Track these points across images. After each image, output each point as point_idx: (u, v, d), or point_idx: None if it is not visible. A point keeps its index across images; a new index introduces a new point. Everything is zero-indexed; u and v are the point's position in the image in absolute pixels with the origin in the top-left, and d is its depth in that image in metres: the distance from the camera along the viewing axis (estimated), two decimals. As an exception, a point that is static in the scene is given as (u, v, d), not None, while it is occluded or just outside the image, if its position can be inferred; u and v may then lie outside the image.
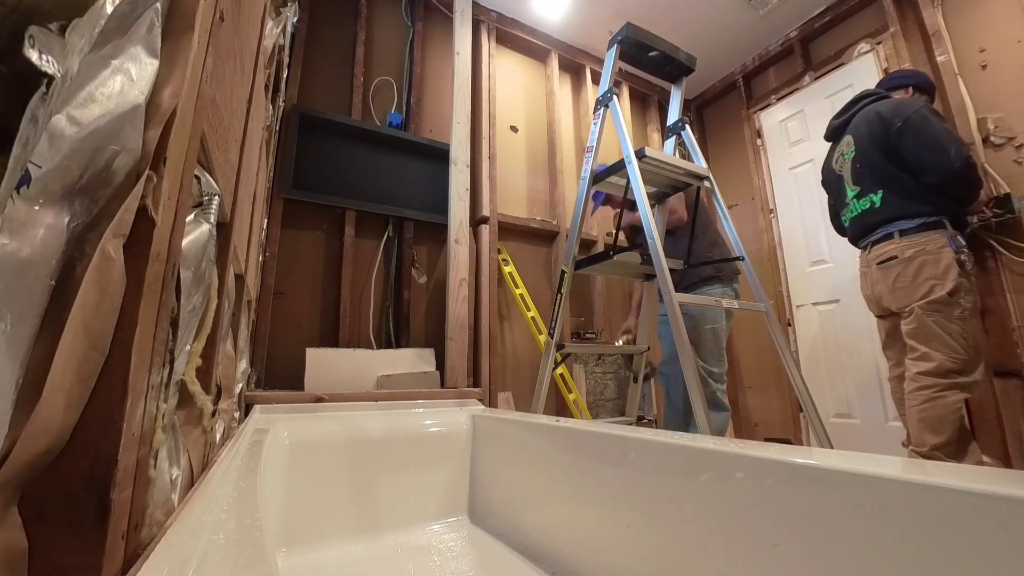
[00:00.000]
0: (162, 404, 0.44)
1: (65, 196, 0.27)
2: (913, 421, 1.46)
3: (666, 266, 1.36)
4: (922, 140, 1.50)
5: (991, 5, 2.01)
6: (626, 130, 1.59)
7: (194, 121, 0.41)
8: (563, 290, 1.62)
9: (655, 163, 1.55)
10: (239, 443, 0.84)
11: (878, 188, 1.59)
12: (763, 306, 1.58)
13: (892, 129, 1.55)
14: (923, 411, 1.43)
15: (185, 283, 0.49)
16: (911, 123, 1.52)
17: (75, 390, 0.28)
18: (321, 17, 2.10)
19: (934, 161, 1.47)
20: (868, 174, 1.63)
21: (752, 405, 2.82)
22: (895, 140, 1.54)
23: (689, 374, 1.23)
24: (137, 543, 0.37)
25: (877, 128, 1.59)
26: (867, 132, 1.63)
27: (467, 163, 2.09)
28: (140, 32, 0.32)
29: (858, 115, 1.71)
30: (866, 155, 1.63)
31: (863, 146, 1.64)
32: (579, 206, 1.71)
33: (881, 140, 1.58)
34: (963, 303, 1.42)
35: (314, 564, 1.03)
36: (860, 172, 1.65)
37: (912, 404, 1.46)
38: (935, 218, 1.49)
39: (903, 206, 1.52)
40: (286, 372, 1.70)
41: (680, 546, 0.72)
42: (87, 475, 0.30)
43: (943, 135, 1.50)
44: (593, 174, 1.69)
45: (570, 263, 1.66)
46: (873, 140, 1.60)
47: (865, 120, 1.65)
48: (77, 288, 0.27)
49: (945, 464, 0.54)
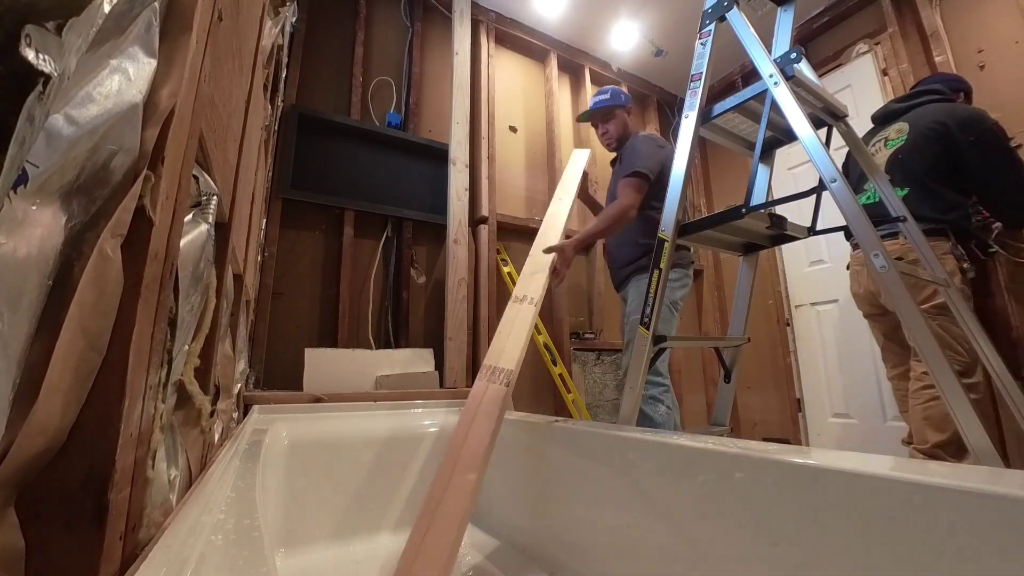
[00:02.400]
0: (160, 404, 0.44)
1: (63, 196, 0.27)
2: (917, 419, 1.46)
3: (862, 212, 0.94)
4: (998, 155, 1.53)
5: (989, 6, 2.02)
6: (761, 46, 1.16)
7: (192, 121, 0.41)
8: (662, 265, 1.18)
9: (804, 87, 1.14)
10: (238, 443, 0.84)
11: (906, 185, 1.55)
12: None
13: (964, 138, 1.52)
14: (928, 409, 1.43)
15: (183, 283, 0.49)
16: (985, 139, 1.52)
17: (73, 390, 0.28)
18: (320, 17, 2.10)
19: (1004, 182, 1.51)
20: (904, 168, 1.58)
21: (751, 405, 2.82)
22: (963, 149, 1.52)
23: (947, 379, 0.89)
24: (135, 544, 0.37)
25: (940, 131, 1.55)
26: (927, 129, 1.58)
27: (466, 163, 2.09)
28: (138, 31, 0.32)
29: (921, 108, 1.64)
30: (915, 150, 1.58)
31: (916, 141, 1.59)
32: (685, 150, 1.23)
33: (942, 142, 1.54)
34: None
35: (312, 565, 1.03)
36: (897, 163, 1.60)
37: (917, 402, 1.46)
38: (941, 226, 1.49)
39: (921, 209, 1.50)
40: (285, 372, 1.70)
41: (679, 545, 0.72)
42: (84, 475, 0.30)
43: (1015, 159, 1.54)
44: (702, 109, 1.25)
45: (672, 228, 1.19)
46: (932, 139, 1.56)
47: (932, 117, 1.59)
48: (75, 288, 0.27)
49: (944, 464, 0.54)
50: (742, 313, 1.41)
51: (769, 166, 1.35)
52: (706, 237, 1.31)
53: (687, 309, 3.01)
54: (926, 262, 1.18)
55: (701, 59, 1.30)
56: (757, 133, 1.20)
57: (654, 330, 1.15)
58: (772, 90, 1.08)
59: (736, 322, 1.42)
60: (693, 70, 1.29)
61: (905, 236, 1.50)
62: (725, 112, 1.25)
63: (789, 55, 1.23)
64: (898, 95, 2.24)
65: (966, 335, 1.40)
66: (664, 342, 1.19)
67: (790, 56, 1.22)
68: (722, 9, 1.27)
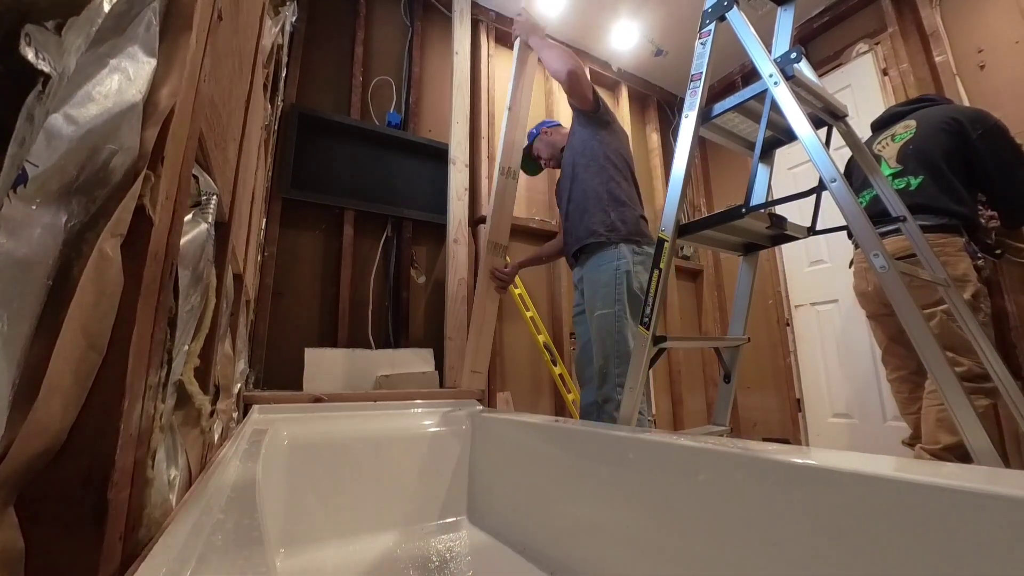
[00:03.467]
0: (160, 404, 0.44)
1: (62, 195, 0.27)
2: (930, 420, 1.43)
3: (862, 212, 0.94)
4: (1004, 148, 1.54)
5: (989, 6, 2.02)
6: (761, 46, 1.16)
7: (192, 120, 0.41)
8: (662, 265, 1.16)
9: (804, 87, 1.13)
10: (237, 443, 0.84)
11: (921, 173, 1.54)
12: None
13: (973, 130, 1.54)
14: (943, 411, 1.40)
15: (183, 283, 0.48)
16: (993, 132, 1.54)
17: (72, 390, 0.28)
18: (320, 17, 2.10)
19: (1014, 170, 1.51)
20: (917, 157, 1.58)
21: (751, 405, 2.82)
22: (973, 140, 1.53)
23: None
24: (135, 544, 0.37)
25: (953, 124, 1.57)
26: (939, 122, 1.59)
27: (466, 163, 2.09)
28: (138, 31, 0.32)
29: (927, 109, 1.67)
30: (929, 139, 1.59)
31: (928, 132, 1.60)
32: (684, 150, 1.22)
33: (955, 134, 1.55)
34: (984, 308, 1.40)
35: (313, 565, 1.03)
36: (909, 152, 1.60)
37: (933, 403, 1.43)
38: (955, 222, 1.47)
39: (937, 198, 1.49)
40: (285, 372, 1.70)
41: (678, 545, 0.72)
42: (84, 475, 0.30)
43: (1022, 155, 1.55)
44: (702, 109, 1.24)
45: (672, 228, 1.18)
46: (944, 130, 1.57)
47: (942, 114, 1.62)
48: (74, 288, 0.27)
49: (947, 464, 0.54)
50: (742, 313, 1.41)
51: (769, 166, 1.35)
52: (706, 237, 1.30)
53: (687, 309, 3.01)
54: (926, 262, 1.17)
55: (701, 59, 1.29)
56: (757, 133, 1.19)
57: (654, 330, 1.15)
58: (772, 90, 1.08)
59: (736, 322, 1.41)
60: (693, 70, 1.28)
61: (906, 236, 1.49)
62: (725, 112, 1.24)
63: (789, 55, 1.22)
64: (898, 95, 2.24)
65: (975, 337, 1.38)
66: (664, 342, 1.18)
67: (790, 56, 1.21)
68: (722, 9, 1.27)
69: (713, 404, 2.25)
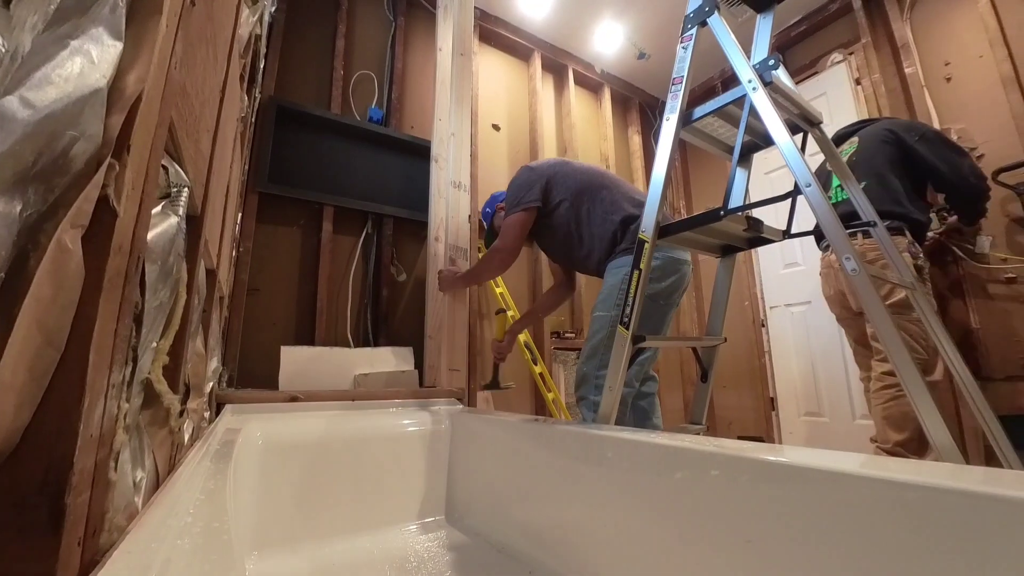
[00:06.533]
0: (124, 404, 0.42)
1: (17, 183, 0.26)
2: (878, 418, 1.51)
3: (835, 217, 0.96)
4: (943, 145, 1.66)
5: (956, 20, 2.10)
6: (741, 51, 1.17)
7: (161, 108, 0.40)
8: (642, 266, 1.20)
9: (781, 94, 1.14)
10: (209, 443, 0.81)
11: (863, 180, 1.63)
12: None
13: (910, 137, 1.67)
14: (887, 409, 1.48)
15: (151, 277, 0.47)
16: (929, 134, 1.68)
17: (27, 388, 0.27)
18: (300, 8, 2.05)
19: (956, 160, 1.62)
20: (861, 167, 1.69)
21: (727, 404, 2.88)
22: (911, 145, 1.65)
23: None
24: (95, 550, 0.35)
25: (890, 135, 1.70)
26: (877, 135, 1.72)
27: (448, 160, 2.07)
28: (102, 12, 0.30)
29: (866, 127, 1.81)
30: (868, 151, 1.71)
31: (867, 145, 1.72)
32: (665, 153, 1.24)
33: (893, 143, 1.68)
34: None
35: (287, 568, 1.01)
36: (853, 163, 1.71)
37: (877, 402, 1.52)
38: (897, 223, 1.55)
39: (879, 201, 1.56)
40: (260, 370, 1.66)
41: (656, 542, 0.73)
42: (40, 479, 0.28)
43: (961, 150, 1.68)
44: (683, 113, 1.25)
45: (652, 230, 1.21)
46: (883, 141, 1.69)
47: (879, 127, 1.75)
48: (30, 281, 0.26)
49: (908, 461, 0.56)
50: (719, 314, 1.43)
51: (747, 170, 1.38)
52: (685, 238, 1.32)
53: (666, 309, 3.05)
54: (894, 265, 1.22)
55: (682, 63, 1.30)
56: (736, 137, 1.21)
57: (633, 329, 1.16)
58: (751, 95, 1.10)
59: (713, 322, 1.44)
60: (675, 74, 1.30)
61: (861, 236, 1.57)
62: (705, 116, 1.26)
63: (768, 61, 1.23)
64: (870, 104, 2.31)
65: (925, 333, 1.45)
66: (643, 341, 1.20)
67: (768, 63, 1.21)
68: (703, 14, 1.28)
69: (690, 403, 2.29)
